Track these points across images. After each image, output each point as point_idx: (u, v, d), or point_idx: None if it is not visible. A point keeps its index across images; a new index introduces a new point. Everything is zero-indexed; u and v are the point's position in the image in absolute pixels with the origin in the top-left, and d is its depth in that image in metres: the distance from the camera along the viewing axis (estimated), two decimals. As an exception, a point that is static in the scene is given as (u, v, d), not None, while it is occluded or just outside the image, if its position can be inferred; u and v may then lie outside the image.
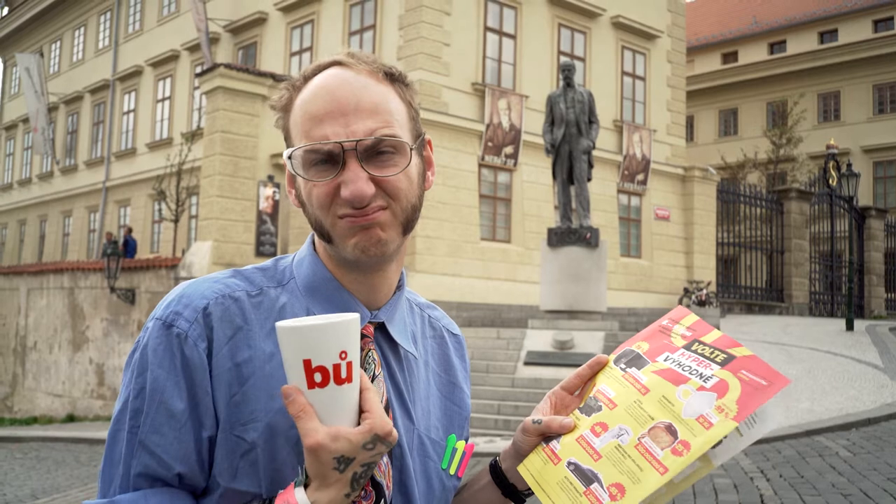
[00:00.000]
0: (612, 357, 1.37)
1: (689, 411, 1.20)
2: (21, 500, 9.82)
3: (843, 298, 29.27)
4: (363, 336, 1.27)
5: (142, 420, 1.18)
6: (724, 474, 8.75)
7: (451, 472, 1.37)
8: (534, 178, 24.64)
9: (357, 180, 1.19)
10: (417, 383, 1.36)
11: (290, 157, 1.25)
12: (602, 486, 1.18)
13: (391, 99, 1.26)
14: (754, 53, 45.89)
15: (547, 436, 1.30)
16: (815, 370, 15.38)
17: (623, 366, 1.33)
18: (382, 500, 1.23)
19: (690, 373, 1.24)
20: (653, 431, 1.20)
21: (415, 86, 1.35)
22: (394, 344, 1.33)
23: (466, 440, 1.46)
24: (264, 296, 1.27)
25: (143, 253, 30.59)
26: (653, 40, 29.10)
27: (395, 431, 1.12)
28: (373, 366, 1.27)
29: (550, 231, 16.38)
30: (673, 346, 1.32)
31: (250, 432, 1.18)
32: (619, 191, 27.37)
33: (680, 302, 25.92)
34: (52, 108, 40.59)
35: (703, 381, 1.22)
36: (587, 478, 1.21)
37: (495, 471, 1.40)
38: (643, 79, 28.93)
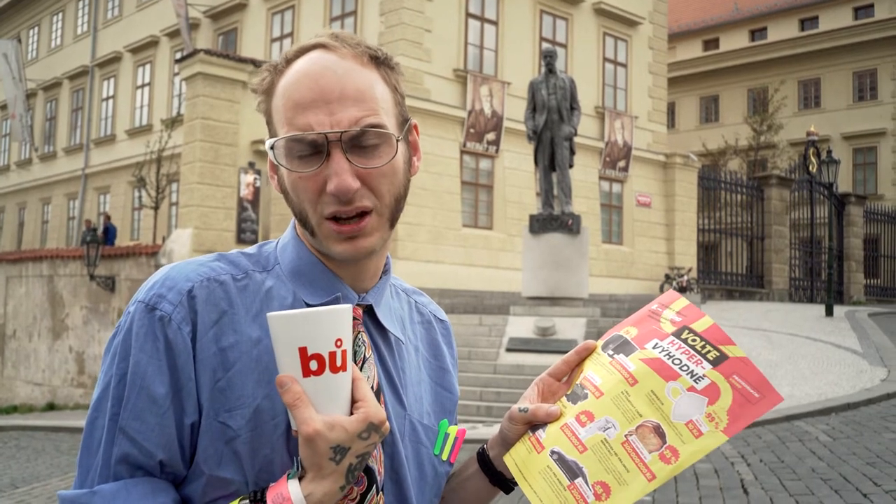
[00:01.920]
0: (601, 343, 1.34)
1: (679, 413, 1.17)
2: (0, 490, 9.77)
3: (822, 284, 29.44)
4: (353, 318, 1.24)
5: (122, 406, 1.15)
6: (705, 459, 8.78)
7: (444, 457, 1.35)
8: (516, 165, 24.64)
9: (342, 173, 1.16)
10: (409, 368, 1.34)
11: (272, 148, 1.21)
12: (587, 483, 1.16)
13: (376, 84, 1.23)
14: (735, 40, 46.00)
15: (533, 424, 1.28)
16: (795, 356, 15.47)
17: (611, 352, 1.30)
18: (374, 486, 1.21)
19: (681, 367, 1.21)
20: (640, 430, 1.18)
21: (400, 68, 1.32)
22: (382, 329, 1.31)
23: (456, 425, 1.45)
24: (250, 279, 1.24)
25: (123, 240, 30.41)
26: (634, 27, 29.11)
27: (388, 421, 1.11)
28: (363, 348, 1.24)
29: (532, 218, 16.38)
30: (662, 332, 1.28)
31: (236, 419, 1.15)
32: (601, 177, 27.41)
33: (661, 289, 26.02)
34: (30, 95, 40.24)
35: (695, 380, 1.19)
36: (571, 471, 1.18)
37: (483, 459, 1.37)
38: (625, 65, 28.95)
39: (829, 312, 21.32)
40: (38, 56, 42.29)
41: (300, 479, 1.09)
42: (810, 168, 29.96)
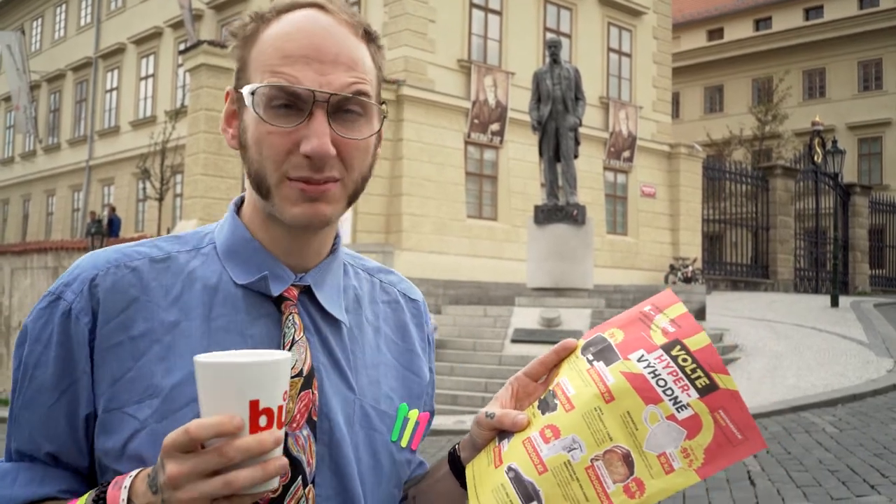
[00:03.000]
0: (582, 343, 1.20)
1: (653, 443, 1.06)
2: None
3: (827, 275, 29.39)
4: (285, 299, 1.19)
5: (18, 395, 1.14)
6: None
7: (403, 444, 1.27)
8: (520, 156, 24.59)
9: (323, 136, 1.10)
10: (362, 350, 1.26)
11: (252, 93, 1.12)
12: None
13: (366, 58, 1.18)
14: (740, 30, 45.85)
15: (501, 431, 1.18)
16: (801, 346, 15.44)
17: (591, 357, 1.16)
18: (300, 478, 1.12)
19: (665, 390, 1.08)
20: (608, 456, 1.06)
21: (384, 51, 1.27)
22: (328, 311, 1.23)
23: (432, 411, 1.37)
24: (171, 261, 1.19)
25: (127, 232, 30.41)
26: (639, 17, 29.02)
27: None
28: (293, 330, 1.17)
29: (537, 208, 16.35)
30: (651, 342, 1.14)
31: (144, 409, 1.09)
32: (606, 168, 27.36)
33: (666, 279, 25.98)
34: (34, 87, 40.18)
35: (677, 408, 1.06)
36: (527, 493, 1.07)
37: (453, 460, 1.28)
38: (629, 55, 28.87)
39: (835, 303, 21.29)
40: (41, 48, 42.25)
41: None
42: (815, 158, 29.87)
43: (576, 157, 16.24)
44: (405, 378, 1.32)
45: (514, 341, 14.23)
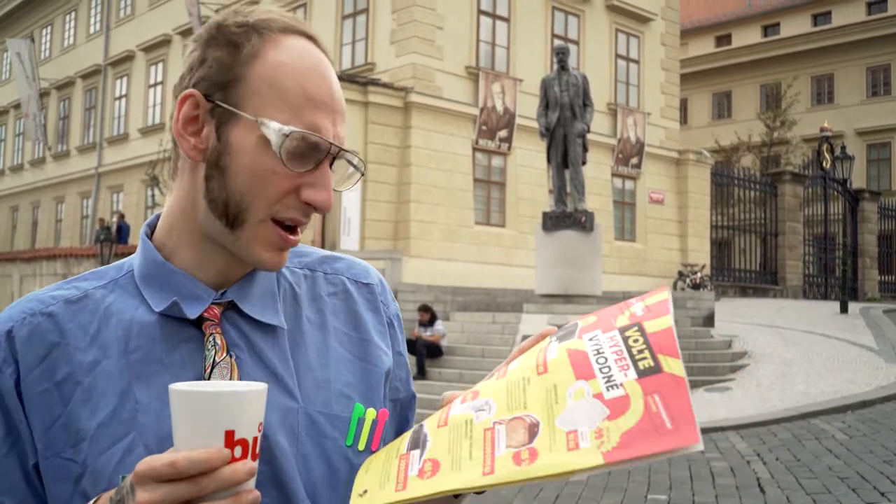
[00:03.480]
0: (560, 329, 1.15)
1: (567, 418, 0.97)
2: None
3: (836, 281, 29.31)
4: (206, 320, 1.13)
5: None
6: (721, 458, 8.75)
7: (361, 447, 1.20)
8: (528, 162, 24.59)
9: (329, 188, 1.09)
10: (304, 353, 1.20)
11: (286, 135, 1.07)
12: (421, 455, 1.02)
13: None
14: (748, 36, 45.83)
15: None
16: (810, 353, 15.40)
17: (555, 339, 1.11)
18: None
19: (601, 368, 1.01)
20: (514, 422, 1.00)
21: None
22: (261, 322, 1.17)
23: (413, 397, 1.34)
24: (88, 299, 1.15)
25: (136, 239, 30.30)
26: (646, 23, 29.02)
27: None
28: (213, 352, 1.12)
29: (545, 215, 16.35)
30: (612, 324, 1.07)
31: (79, 453, 1.07)
32: (614, 174, 27.35)
33: (675, 286, 25.94)
34: (43, 94, 40.38)
35: (608, 387, 0.98)
36: (416, 442, 1.05)
37: None
38: (637, 62, 28.86)
39: (844, 309, 21.22)
40: (51, 55, 42.43)
41: None
42: (824, 164, 29.83)
43: (584, 163, 16.24)
44: (363, 371, 1.25)
45: (522, 348, 14.20)
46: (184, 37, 32.15)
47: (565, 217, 15.91)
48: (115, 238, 22.52)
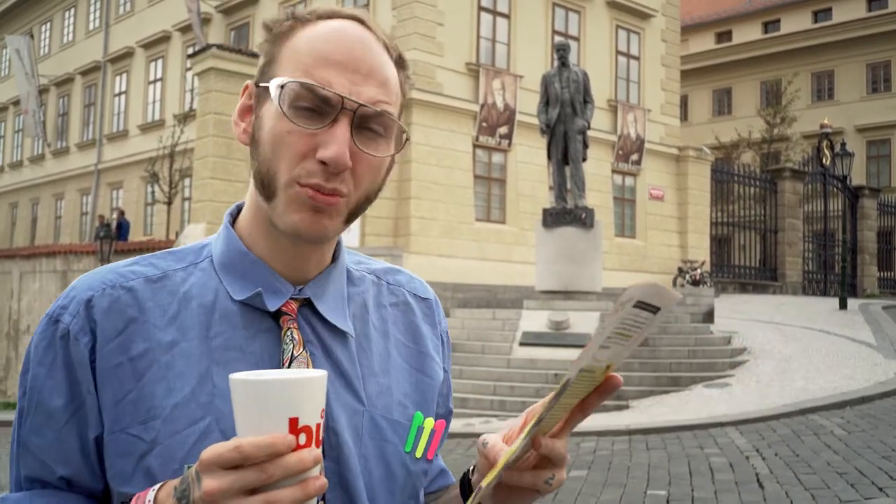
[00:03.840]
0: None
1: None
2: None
3: (836, 277, 29.34)
4: (284, 314, 1.16)
5: (24, 421, 1.12)
6: (720, 453, 8.77)
7: (418, 454, 1.22)
8: (528, 159, 24.60)
9: (343, 144, 1.07)
10: (370, 359, 1.23)
11: (281, 87, 1.09)
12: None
13: (396, 81, 1.16)
14: (748, 32, 45.81)
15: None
16: (810, 349, 15.42)
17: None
18: None
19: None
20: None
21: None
22: (329, 321, 1.20)
23: (450, 413, 1.35)
24: (168, 279, 1.16)
25: (136, 235, 30.49)
26: (647, 19, 29.01)
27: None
28: (291, 345, 1.14)
29: (545, 211, 16.36)
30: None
31: (149, 431, 1.07)
32: (614, 171, 27.35)
33: (674, 282, 25.96)
34: (42, 91, 40.35)
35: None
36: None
37: (465, 481, 1.23)
38: (637, 58, 28.85)
39: (843, 305, 21.25)
40: (50, 52, 42.40)
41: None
42: (824, 161, 29.82)
43: (584, 160, 16.25)
44: (419, 382, 1.28)
45: (522, 344, 14.24)
46: (183, 33, 32.14)
47: (566, 213, 15.91)
48: (114, 235, 22.51)
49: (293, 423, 0.92)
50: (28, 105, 38.39)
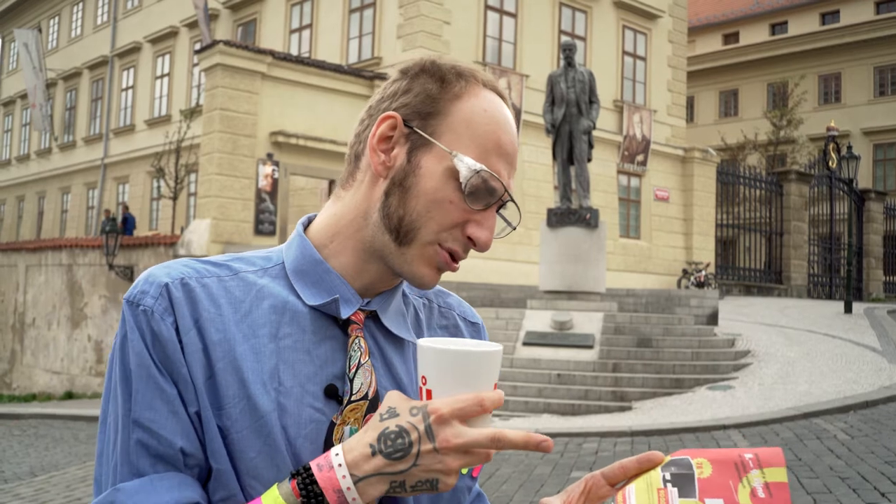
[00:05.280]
0: (668, 459, 1.14)
1: None
2: (19, 478, 9.84)
3: (841, 281, 29.30)
4: (351, 322, 1.21)
5: (132, 400, 1.12)
6: (722, 456, 8.75)
7: (464, 471, 1.26)
8: (533, 158, 24.59)
9: (492, 230, 1.19)
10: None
11: (477, 171, 1.16)
12: None
13: None
14: (755, 34, 45.74)
15: None
16: (814, 353, 15.40)
17: (668, 477, 1.10)
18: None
19: None
20: None
21: None
22: (393, 334, 1.27)
23: None
24: (240, 280, 1.21)
25: (141, 230, 30.55)
26: (654, 20, 28.98)
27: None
28: (358, 353, 1.19)
29: (550, 211, 16.35)
30: (734, 498, 1.05)
31: (223, 419, 1.12)
32: (619, 171, 27.34)
33: (679, 284, 25.94)
34: (50, 84, 40.44)
35: None
36: None
37: None
38: (644, 59, 28.83)
39: (848, 309, 21.21)
40: (58, 46, 42.48)
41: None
42: (830, 163, 29.80)
43: (589, 160, 16.23)
44: None
45: (525, 344, 14.24)
46: (190, 29, 32.17)
47: (570, 214, 15.90)
48: (120, 229, 22.56)
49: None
50: (35, 99, 38.46)
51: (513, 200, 1.21)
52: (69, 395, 21.56)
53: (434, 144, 1.18)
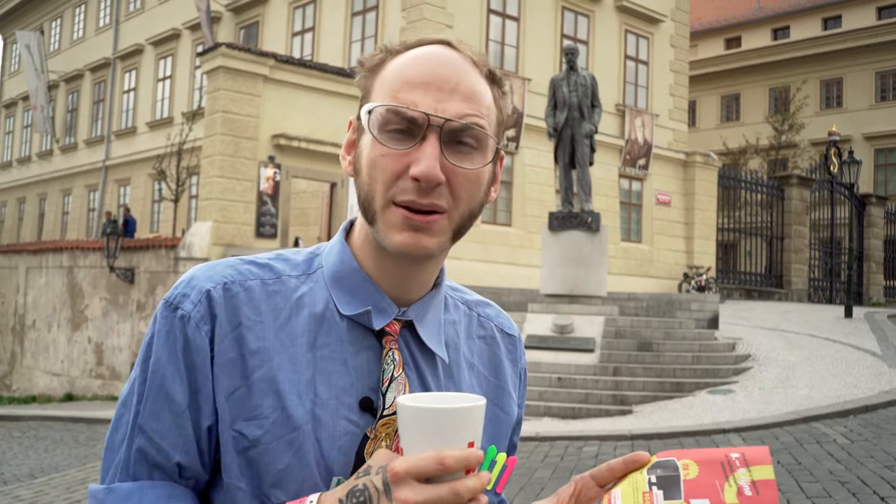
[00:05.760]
0: (654, 460, 1.14)
1: None
2: (19, 479, 9.84)
3: (842, 285, 29.28)
4: (386, 334, 1.20)
5: (142, 405, 1.13)
6: (722, 460, 8.74)
7: (489, 486, 1.20)
8: (535, 162, 24.60)
9: (431, 159, 1.10)
10: (457, 387, 1.27)
11: (369, 112, 1.14)
12: None
13: (487, 96, 1.18)
14: (758, 39, 45.75)
15: None
16: (814, 357, 15.39)
17: (654, 479, 1.09)
18: None
19: None
20: None
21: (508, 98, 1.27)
22: (426, 346, 1.25)
23: (514, 448, 1.38)
24: (282, 284, 1.20)
25: (142, 233, 30.56)
26: (656, 24, 29.00)
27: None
28: (392, 366, 1.18)
29: (552, 215, 16.35)
30: (720, 498, 1.04)
31: (253, 429, 1.11)
32: (621, 175, 27.34)
33: (680, 287, 25.93)
34: (52, 86, 40.49)
35: None
36: None
37: None
38: (646, 63, 28.85)
39: (849, 313, 21.20)
40: (60, 48, 42.53)
41: None
42: (831, 168, 29.81)
43: (591, 164, 16.23)
44: (494, 416, 1.31)
45: (526, 347, 14.21)
46: (192, 31, 32.20)
47: (572, 217, 15.90)
48: (121, 231, 22.57)
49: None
50: (37, 101, 38.50)
51: (450, 119, 1.12)
52: (69, 398, 21.55)
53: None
